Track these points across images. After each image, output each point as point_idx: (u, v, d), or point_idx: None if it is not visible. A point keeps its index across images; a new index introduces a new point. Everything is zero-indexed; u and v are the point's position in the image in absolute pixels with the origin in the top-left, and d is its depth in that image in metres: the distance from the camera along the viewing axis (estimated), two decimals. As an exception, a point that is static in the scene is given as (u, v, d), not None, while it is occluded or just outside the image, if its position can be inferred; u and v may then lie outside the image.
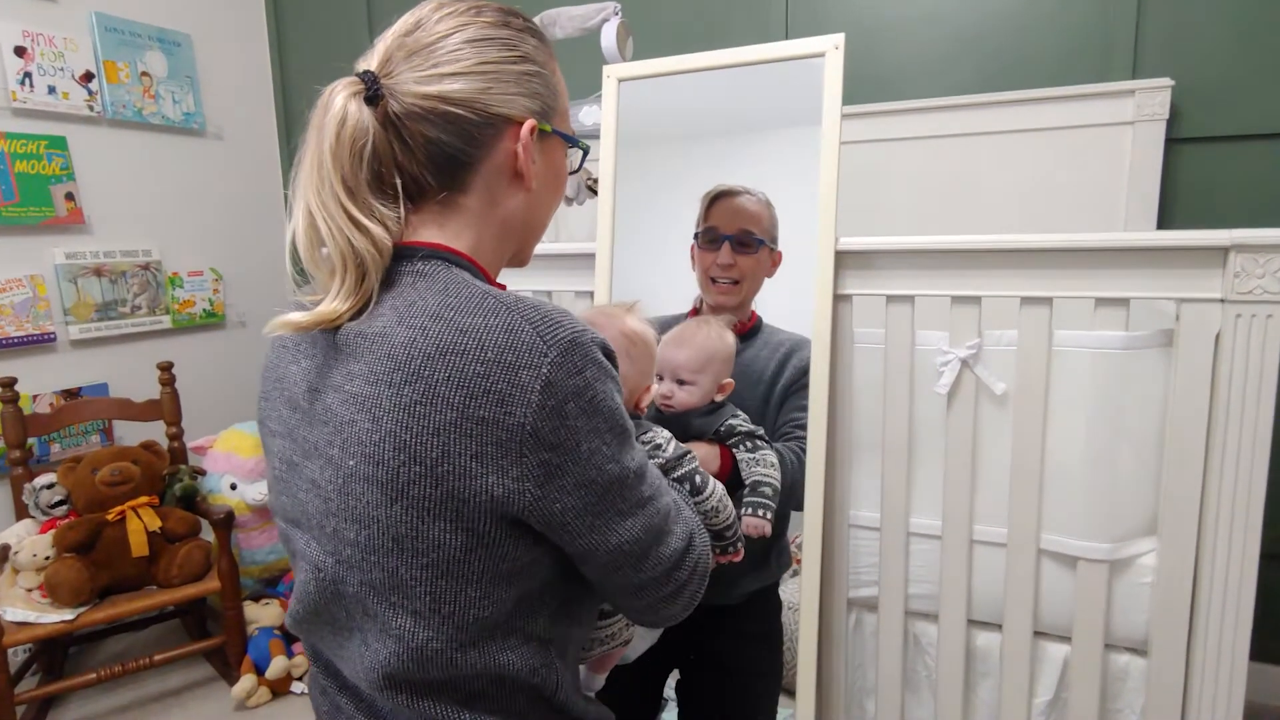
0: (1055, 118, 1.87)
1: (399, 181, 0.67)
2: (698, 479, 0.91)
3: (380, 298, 0.64)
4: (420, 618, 0.62)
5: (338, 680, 0.72)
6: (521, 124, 0.68)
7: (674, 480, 0.89)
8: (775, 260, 1.29)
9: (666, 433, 0.93)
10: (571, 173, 0.80)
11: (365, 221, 0.63)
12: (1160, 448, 1.22)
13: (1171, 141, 1.83)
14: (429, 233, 0.68)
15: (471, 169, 0.68)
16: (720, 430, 1.15)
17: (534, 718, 0.69)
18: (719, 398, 1.17)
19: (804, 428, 1.28)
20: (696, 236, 1.30)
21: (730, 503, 0.95)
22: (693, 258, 1.31)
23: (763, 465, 1.13)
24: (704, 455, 1.14)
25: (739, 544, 0.99)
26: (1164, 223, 1.85)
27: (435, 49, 0.66)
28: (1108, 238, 1.17)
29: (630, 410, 0.91)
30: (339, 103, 0.63)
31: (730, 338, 1.17)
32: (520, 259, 0.78)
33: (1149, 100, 1.79)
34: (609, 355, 0.65)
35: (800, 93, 1.36)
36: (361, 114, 0.63)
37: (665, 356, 1.19)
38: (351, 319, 0.63)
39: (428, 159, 0.66)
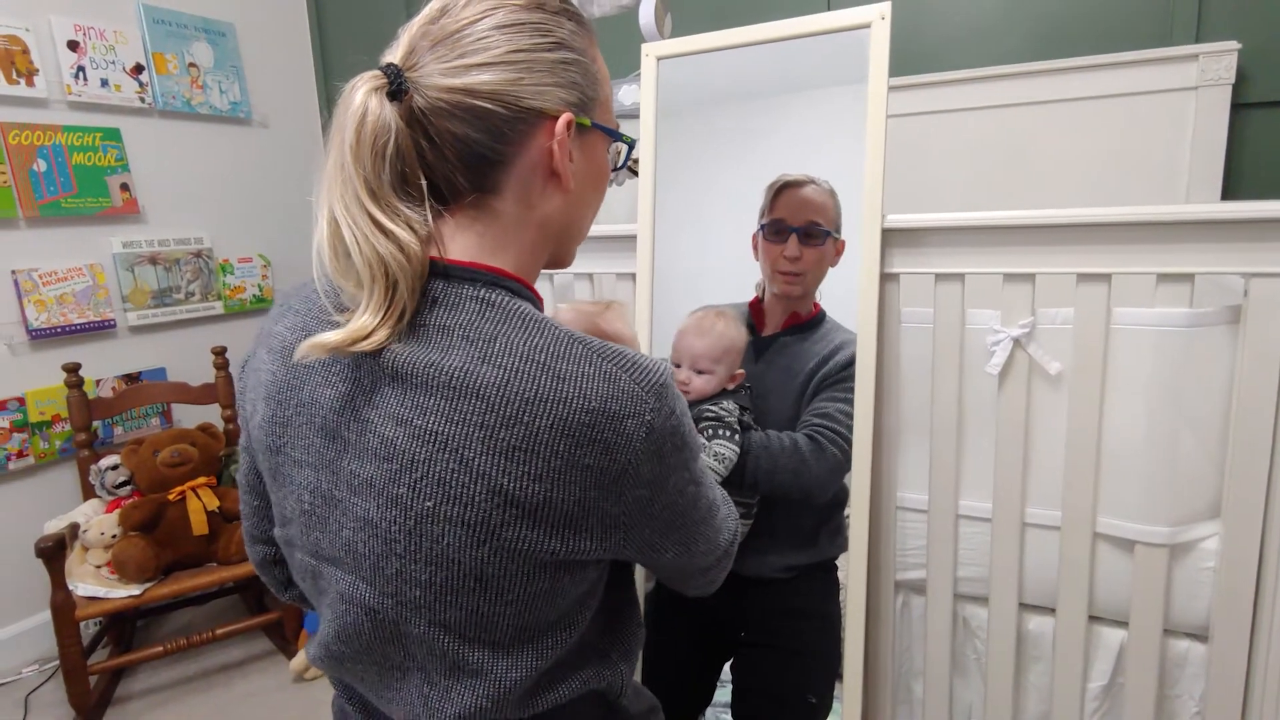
0: (1114, 85, 1.80)
1: (425, 183, 0.61)
2: None
3: (439, 320, 0.59)
4: (499, 648, 0.61)
5: (374, 718, 0.72)
6: (557, 118, 0.62)
7: None
8: (839, 249, 1.28)
9: None
10: (615, 169, 0.74)
11: (390, 226, 0.58)
12: (1225, 429, 1.17)
13: (1238, 107, 1.74)
14: (468, 244, 0.63)
15: (503, 168, 0.62)
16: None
17: None
18: (729, 387, 1.20)
19: (825, 416, 1.26)
20: (763, 228, 1.29)
21: None
22: (755, 246, 1.31)
23: (705, 454, 1.15)
24: None
25: None
26: (1229, 193, 1.77)
27: (461, 37, 0.60)
28: (1171, 210, 1.12)
29: None
30: (359, 99, 0.58)
31: (745, 332, 1.22)
32: (560, 261, 0.73)
33: (1214, 64, 1.71)
34: (672, 379, 0.66)
35: (846, 63, 1.32)
36: (383, 110, 0.58)
37: (684, 345, 1.21)
38: (397, 340, 0.58)
39: (457, 157, 0.61)
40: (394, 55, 0.62)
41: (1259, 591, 1.16)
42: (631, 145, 0.74)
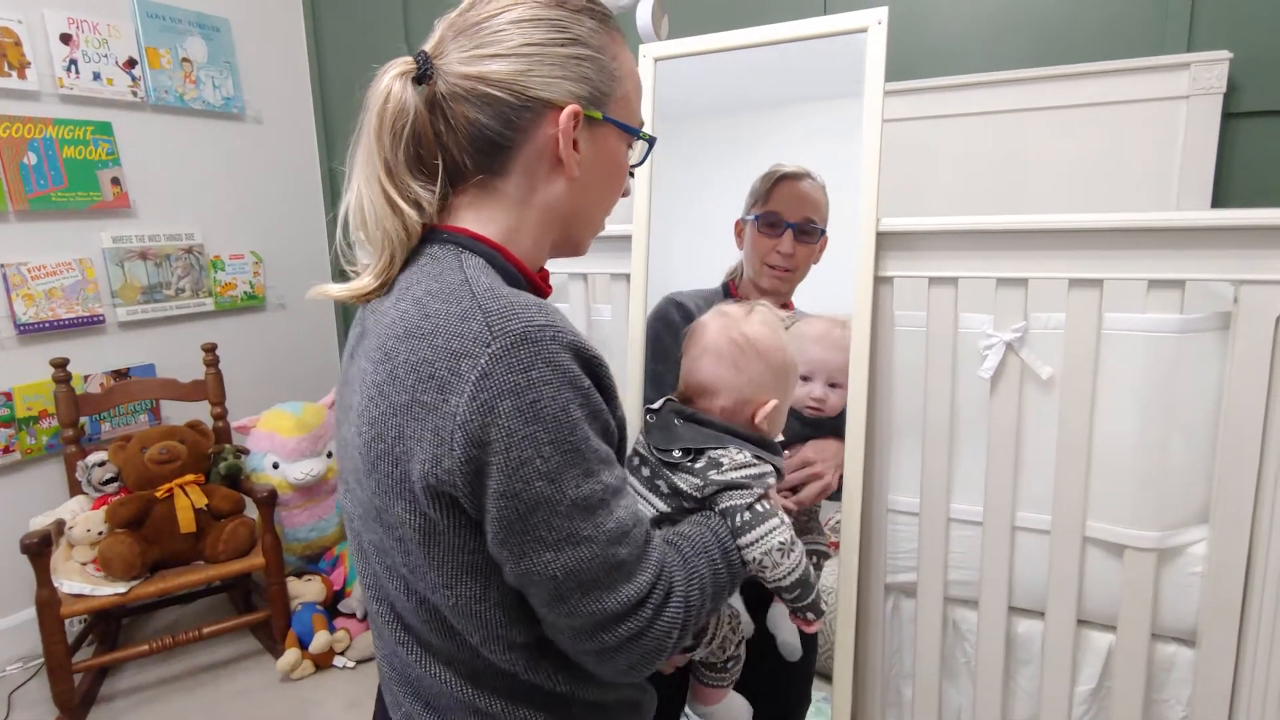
0: (1106, 92, 1.81)
1: (440, 162, 0.66)
2: (744, 515, 0.76)
3: (400, 278, 0.66)
4: (409, 586, 0.65)
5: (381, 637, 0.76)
6: (563, 108, 0.65)
7: (718, 511, 0.78)
8: (822, 245, 1.27)
9: (742, 456, 0.80)
10: (635, 164, 0.75)
11: (400, 203, 0.64)
12: (1214, 434, 1.18)
13: (1229, 116, 1.76)
14: (465, 216, 0.68)
15: (510, 152, 0.66)
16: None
17: (543, 705, 0.68)
18: None
19: None
20: (756, 218, 1.27)
21: (797, 558, 0.79)
22: (738, 235, 1.29)
23: None
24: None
25: (810, 611, 0.81)
26: (1219, 201, 1.79)
27: (482, 29, 0.65)
28: (1163, 217, 1.13)
29: (745, 424, 0.84)
30: (385, 82, 0.64)
31: None
32: (574, 248, 0.75)
33: (1205, 73, 1.72)
34: (587, 361, 0.60)
35: (842, 66, 1.33)
36: (405, 94, 0.63)
37: (816, 358, 1.13)
38: (380, 296, 0.67)
39: (468, 140, 0.66)
40: (427, 44, 0.68)
41: (1246, 596, 1.16)
42: (651, 142, 0.75)
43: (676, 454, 0.81)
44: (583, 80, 0.66)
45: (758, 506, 0.77)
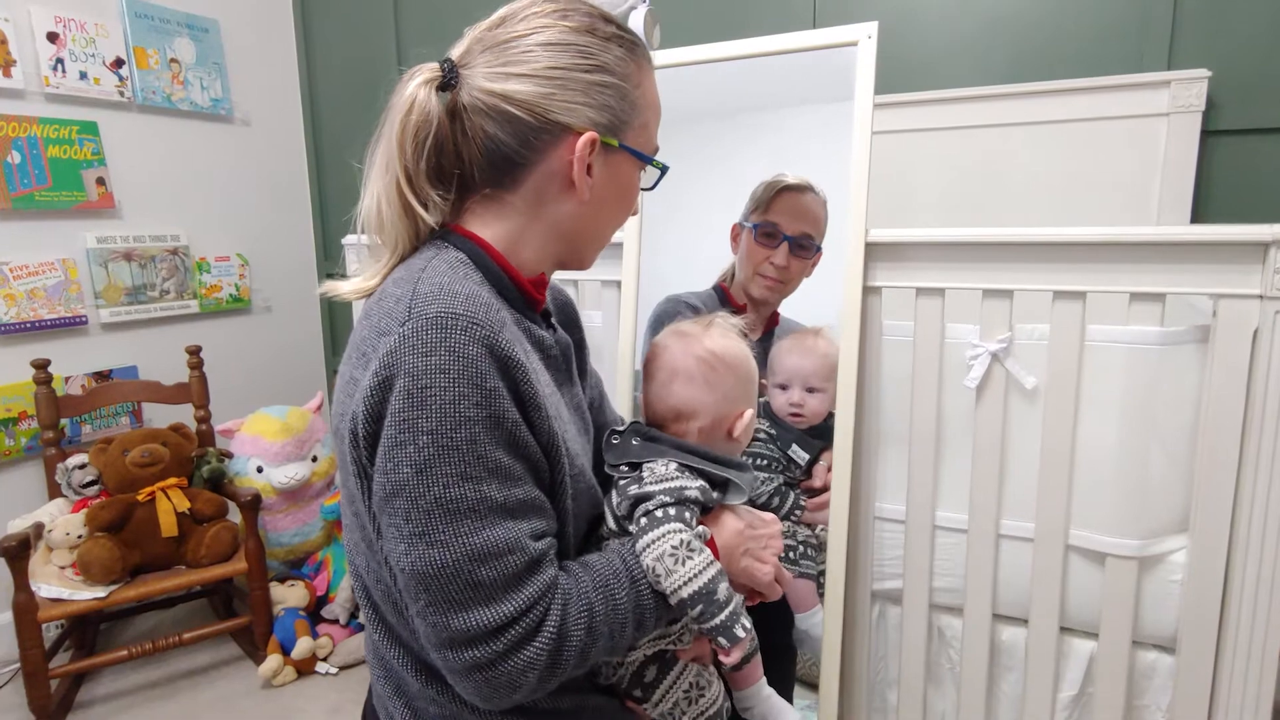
0: (1089, 109, 1.84)
1: (457, 171, 0.68)
2: (641, 521, 0.71)
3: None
4: (368, 561, 0.67)
5: None
6: (581, 134, 0.66)
7: (631, 521, 0.74)
8: (816, 259, 1.29)
9: (664, 469, 0.75)
10: (646, 189, 0.76)
11: (417, 209, 0.66)
12: (1193, 445, 1.20)
13: (1207, 134, 1.79)
14: (471, 221, 0.70)
15: (523, 170, 0.67)
16: None
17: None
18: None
19: None
20: (755, 227, 1.27)
21: (694, 567, 0.68)
22: (734, 239, 1.30)
23: None
24: None
25: (720, 635, 0.69)
26: (1198, 217, 1.82)
27: (510, 47, 0.65)
28: (1145, 232, 1.16)
29: (722, 439, 0.81)
30: (410, 89, 0.65)
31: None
32: (578, 263, 0.75)
33: (1185, 91, 1.76)
34: (503, 362, 0.58)
35: (831, 78, 1.35)
36: (430, 102, 0.64)
37: (790, 366, 1.18)
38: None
39: (483, 153, 0.67)
40: (455, 51, 0.68)
41: (1225, 604, 1.18)
42: (664, 170, 0.75)
43: (623, 469, 0.78)
44: (603, 108, 0.67)
45: (657, 513, 0.71)
